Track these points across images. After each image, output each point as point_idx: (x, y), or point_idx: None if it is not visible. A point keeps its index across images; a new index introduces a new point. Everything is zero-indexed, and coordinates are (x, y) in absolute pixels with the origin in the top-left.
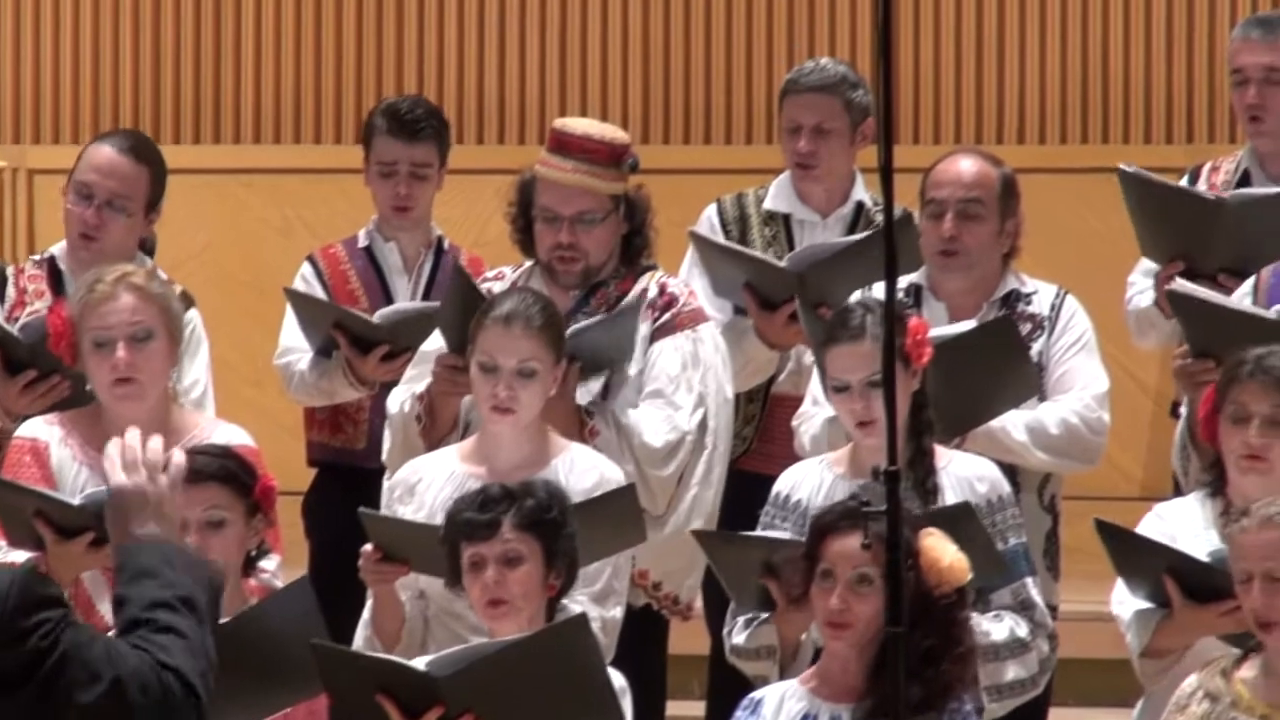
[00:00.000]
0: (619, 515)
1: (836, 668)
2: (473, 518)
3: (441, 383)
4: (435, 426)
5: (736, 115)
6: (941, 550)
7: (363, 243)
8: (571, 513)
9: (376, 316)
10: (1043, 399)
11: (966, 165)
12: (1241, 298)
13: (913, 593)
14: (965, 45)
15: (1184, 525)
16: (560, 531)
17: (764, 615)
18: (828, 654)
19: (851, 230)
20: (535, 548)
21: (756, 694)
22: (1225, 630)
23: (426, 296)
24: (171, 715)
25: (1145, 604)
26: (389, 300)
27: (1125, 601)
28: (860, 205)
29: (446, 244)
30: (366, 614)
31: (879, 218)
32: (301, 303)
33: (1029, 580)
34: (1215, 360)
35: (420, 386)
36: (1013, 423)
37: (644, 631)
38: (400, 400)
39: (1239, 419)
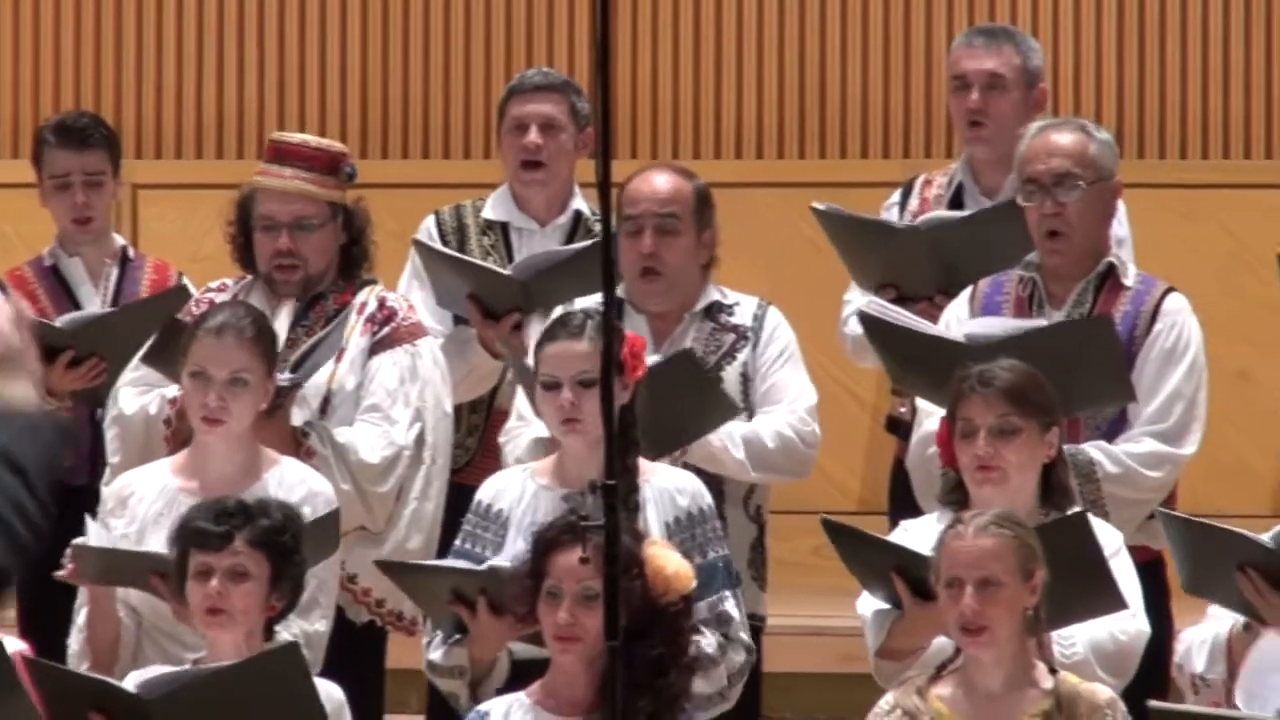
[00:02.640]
0: (319, 534)
1: (563, 681)
2: (206, 528)
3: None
4: (183, 430)
5: (455, 129)
6: (666, 559)
7: (47, 261)
8: (303, 539)
9: (60, 321)
10: (751, 413)
11: (661, 181)
12: (959, 306)
13: (639, 603)
14: (683, 60)
15: (925, 542)
16: (290, 555)
17: (459, 635)
18: (555, 668)
19: (570, 240)
20: (264, 567)
21: (483, 705)
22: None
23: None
24: None
25: (884, 605)
26: None
27: (867, 602)
28: (579, 214)
29: (132, 253)
30: (81, 619)
31: (598, 227)
32: None
33: (728, 594)
34: None
35: (171, 390)
36: (730, 437)
37: (362, 644)
38: (143, 403)
39: (967, 433)
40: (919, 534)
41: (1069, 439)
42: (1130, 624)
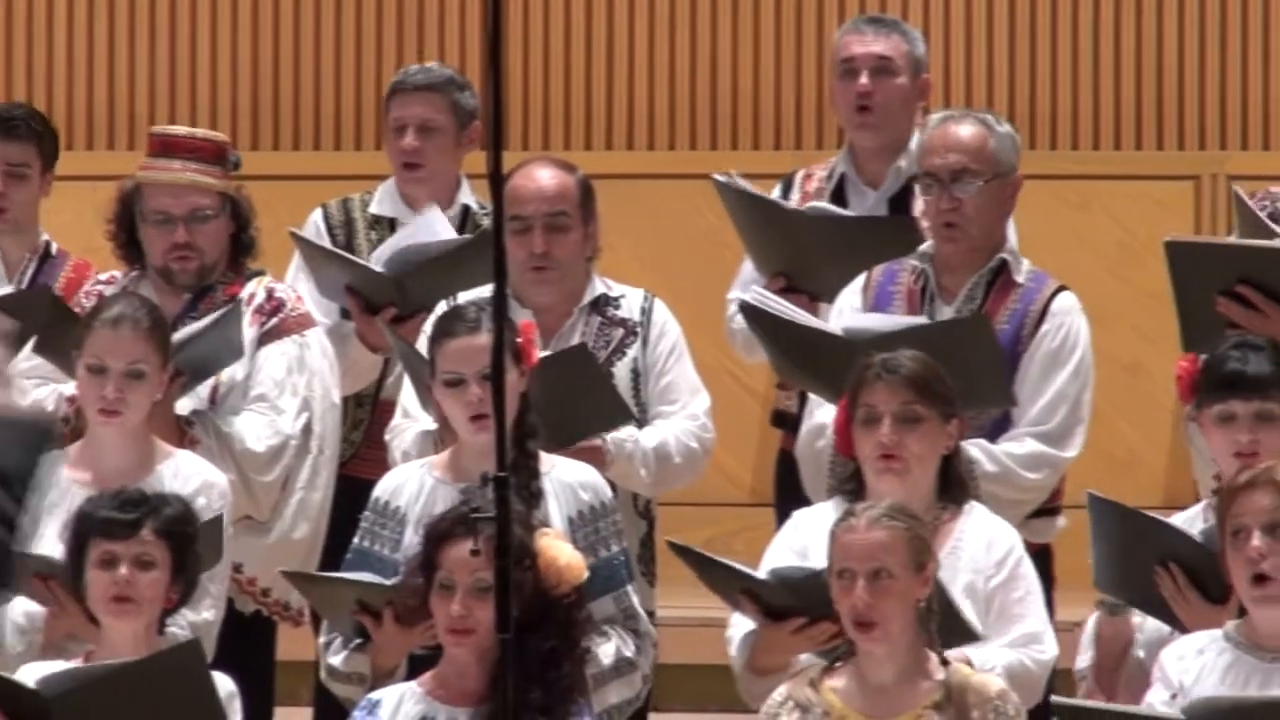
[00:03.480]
0: (204, 539)
1: (455, 672)
2: (113, 516)
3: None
4: (81, 429)
5: (346, 121)
6: (558, 550)
7: None
8: (198, 532)
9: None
10: (643, 409)
11: (547, 177)
12: (852, 295)
13: (531, 594)
14: (574, 51)
15: (820, 526)
16: (190, 545)
17: (360, 640)
18: (447, 658)
19: (459, 234)
20: (168, 556)
21: (375, 695)
22: (804, 649)
23: None
24: None
25: (750, 625)
26: None
27: (737, 623)
28: (467, 209)
29: (55, 249)
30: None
31: (485, 221)
32: None
33: (630, 588)
34: None
35: (69, 388)
36: (643, 453)
37: (252, 637)
38: (39, 397)
39: (869, 421)
40: (812, 524)
41: None
42: (1045, 652)
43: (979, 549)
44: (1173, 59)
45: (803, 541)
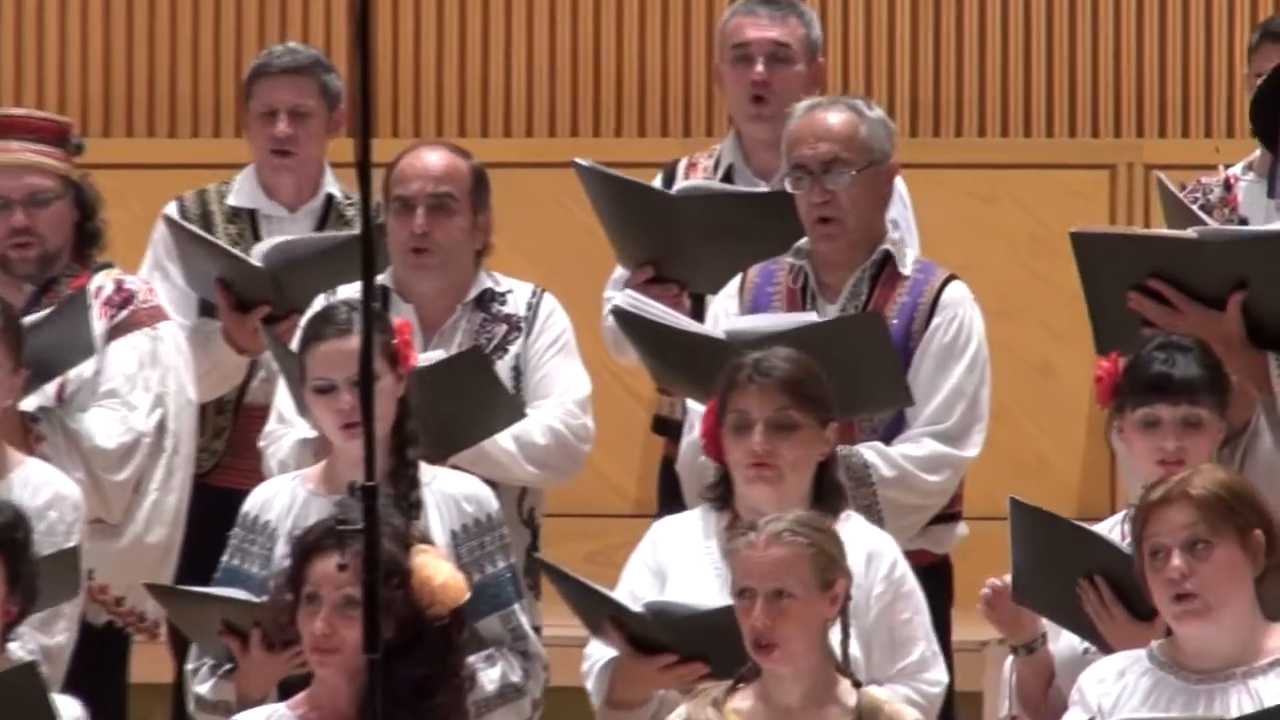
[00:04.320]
0: (57, 571)
1: (326, 694)
2: None
3: None
4: None
5: (204, 106)
6: (435, 568)
7: None
8: (33, 541)
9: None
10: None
11: (435, 158)
12: (728, 299)
13: (403, 614)
14: (447, 31)
15: (681, 540)
16: (24, 554)
17: (229, 666)
18: (318, 680)
19: (322, 226)
20: (0, 567)
21: (241, 716)
22: (669, 686)
23: None
24: None
25: (611, 653)
26: None
27: (595, 651)
28: (330, 198)
29: None
30: None
31: (350, 212)
32: None
33: (518, 606)
34: None
35: None
36: (503, 444)
37: (104, 655)
38: None
39: (741, 427)
40: (671, 539)
41: (843, 440)
42: (936, 684)
43: (859, 563)
44: (1085, 40)
45: (659, 560)
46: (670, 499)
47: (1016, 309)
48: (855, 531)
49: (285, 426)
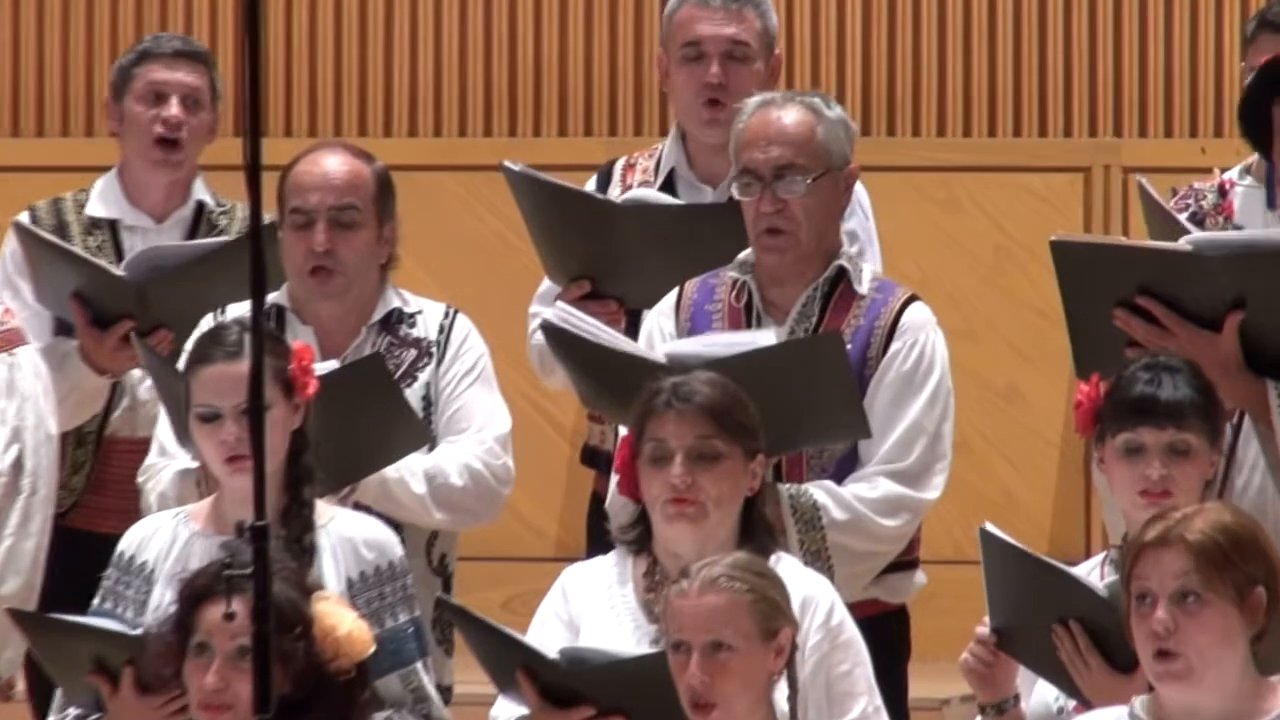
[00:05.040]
0: None
1: None
2: None
3: None
4: None
5: (75, 105)
6: (339, 617)
7: None
8: None
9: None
10: (433, 446)
11: (335, 164)
12: (663, 317)
13: (303, 668)
14: (346, 21)
15: (594, 588)
16: None
17: (96, 716)
18: None
19: (191, 236)
20: None
21: None
22: None
23: None
24: None
25: (520, 710)
26: None
27: (500, 715)
28: (201, 206)
29: None
30: None
31: (223, 221)
32: None
33: (420, 665)
34: None
35: None
36: (410, 471)
37: None
38: None
39: (659, 458)
40: (583, 586)
41: (790, 478)
42: None
43: (794, 610)
44: (1057, 29)
45: (570, 611)
46: (600, 540)
47: (980, 328)
48: (788, 575)
49: (166, 458)
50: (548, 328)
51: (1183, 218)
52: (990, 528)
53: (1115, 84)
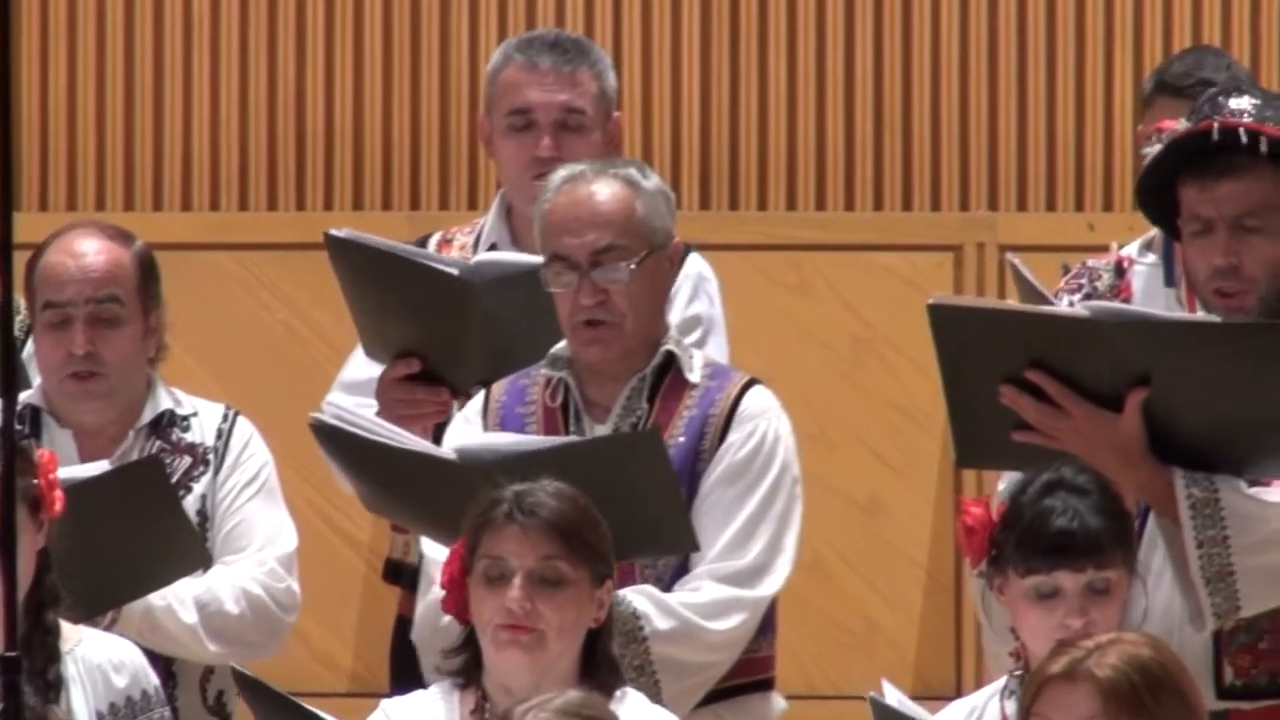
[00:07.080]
0: None
1: None
2: None
3: None
4: None
5: None
6: None
7: None
8: None
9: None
10: (208, 566)
11: (91, 251)
12: (466, 424)
13: None
14: (111, 81)
15: None
16: None
17: None
18: None
19: None
20: None
21: None
22: None
23: None
24: None
25: None
26: None
27: None
28: None
29: None
30: None
31: None
32: None
33: None
34: None
35: None
36: (179, 598)
37: None
38: None
39: (495, 577)
40: (408, 717)
41: (620, 584)
42: None
43: None
44: (924, 93)
45: None
46: (405, 673)
47: (835, 432)
48: (634, 714)
49: None
50: (317, 427)
51: (1075, 300)
52: (879, 696)
53: (990, 151)
